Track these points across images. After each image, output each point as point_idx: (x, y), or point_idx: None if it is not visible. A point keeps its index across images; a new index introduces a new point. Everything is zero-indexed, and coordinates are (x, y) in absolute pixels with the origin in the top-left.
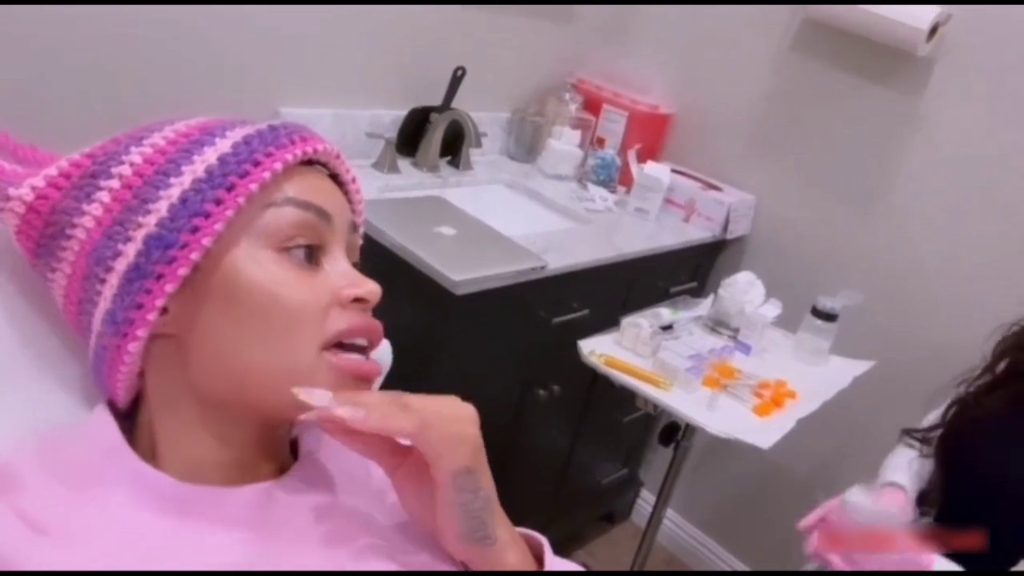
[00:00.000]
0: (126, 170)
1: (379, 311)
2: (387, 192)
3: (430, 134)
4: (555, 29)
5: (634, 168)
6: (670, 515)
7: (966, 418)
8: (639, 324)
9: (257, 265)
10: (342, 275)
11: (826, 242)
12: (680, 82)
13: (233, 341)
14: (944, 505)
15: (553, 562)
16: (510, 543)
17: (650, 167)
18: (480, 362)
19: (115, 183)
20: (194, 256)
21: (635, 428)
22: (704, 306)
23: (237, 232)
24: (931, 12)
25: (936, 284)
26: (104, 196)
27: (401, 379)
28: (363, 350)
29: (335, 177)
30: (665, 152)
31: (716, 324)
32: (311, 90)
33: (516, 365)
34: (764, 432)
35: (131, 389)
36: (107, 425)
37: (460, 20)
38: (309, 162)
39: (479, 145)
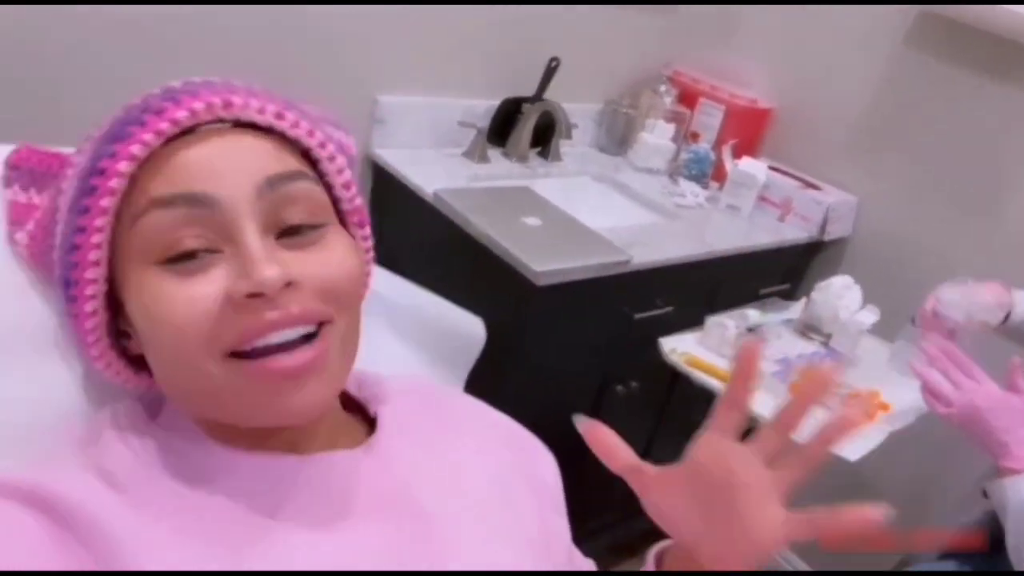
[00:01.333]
0: (62, 200)
1: (464, 299)
2: (476, 181)
3: (521, 124)
4: (654, 20)
5: (728, 164)
6: None
7: None
8: (724, 324)
9: (143, 287)
10: (239, 265)
11: (932, 249)
12: (783, 76)
13: (156, 364)
14: None
15: None
16: None
17: (745, 163)
18: (560, 354)
19: (59, 216)
20: (88, 291)
21: None
22: (795, 309)
23: (127, 252)
24: None
25: None
26: (56, 231)
27: (482, 364)
28: (309, 338)
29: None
30: (762, 148)
31: (807, 329)
32: (407, 78)
33: (596, 359)
34: (853, 443)
35: (150, 386)
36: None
37: (556, 10)
38: (193, 129)
39: (569, 137)
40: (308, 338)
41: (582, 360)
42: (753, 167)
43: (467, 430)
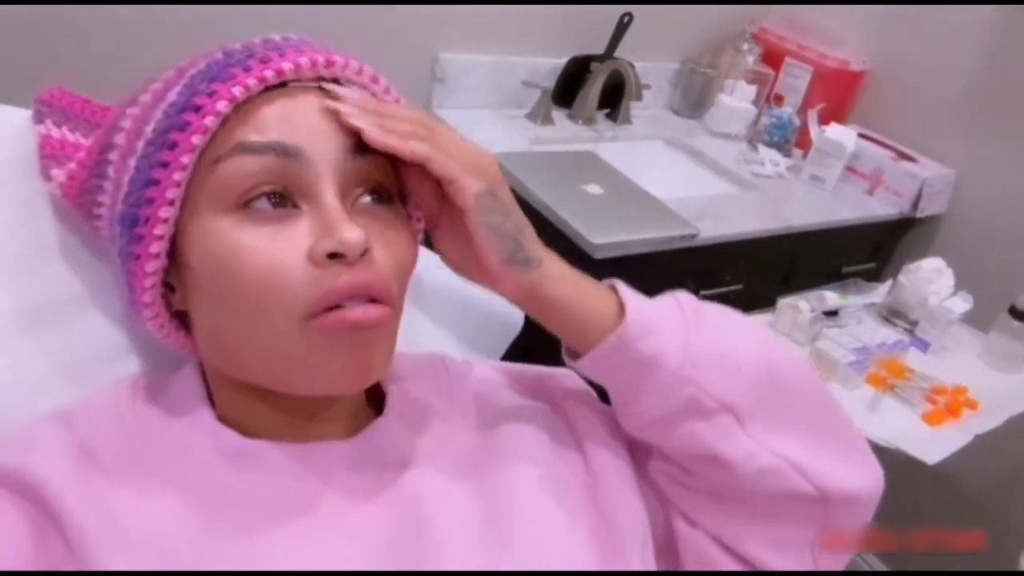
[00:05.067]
0: (120, 139)
1: None
2: (538, 145)
3: (588, 85)
4: None
5: (814, 130)
6: None
7: None
8: (798, 307)
9: (214, 235)
10: (320, 223)
11: None
12: (878, 35)
13: (213, 320)
14: None
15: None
16: (556, 260)
17: (833, 130)
18: None
19: (115, 155)
20: (158, 231)
21: None
22: (879, 292)
23: (196, 196)
24: None
25: None
26: (111, 171)
27: (531, 341)
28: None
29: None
30: (852, 114)
31: (891, 314)
32: (470, 36)
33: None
34: (933, 444)
35: (184, 346)
36: (192, 376)
37: None
38: (284, 84)
39: (639, 98)
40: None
41: None
42: (841, 134)
43: (474, 413)
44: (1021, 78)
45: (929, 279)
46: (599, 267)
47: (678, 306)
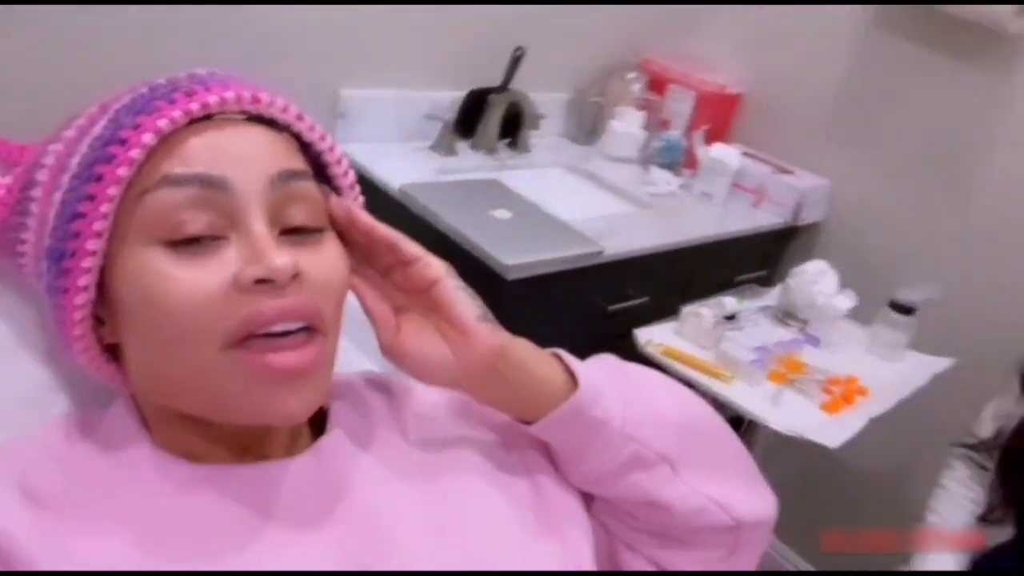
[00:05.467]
0: (44, 175)
1: None
2: (443, 175)
3: (488, 116)
4: (621, 6)
5: (700, 151)
6: None
7: None
8: (700, 313)
9: (141, 265)
10: (246, 251)
11: (906, 232)
12: (752, 60)
13: (142, 351)
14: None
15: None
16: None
17: (717, 149)
18: None
19: (39, 191)
20: (85, 264)
21: None
22: (772, 296)
23: (124, 228)
24: None
25: None
26: (34, 208)
27: None
28: (307, 332)
29: (274, 122)
30: (734, 134)
31: (784, 315)
32: (371, 71)
33: (571, 352)
34: (833, 430)
35: (115, 380)
36: (127, 410)
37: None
38: (209, 116)
39: (536, 127)
40: (306, 332)
41: None
42: (725, 153)
43: (419, 429)
44: (879, 96)
45: (814, 280)
46: (512, 288)
47: (609, 369)
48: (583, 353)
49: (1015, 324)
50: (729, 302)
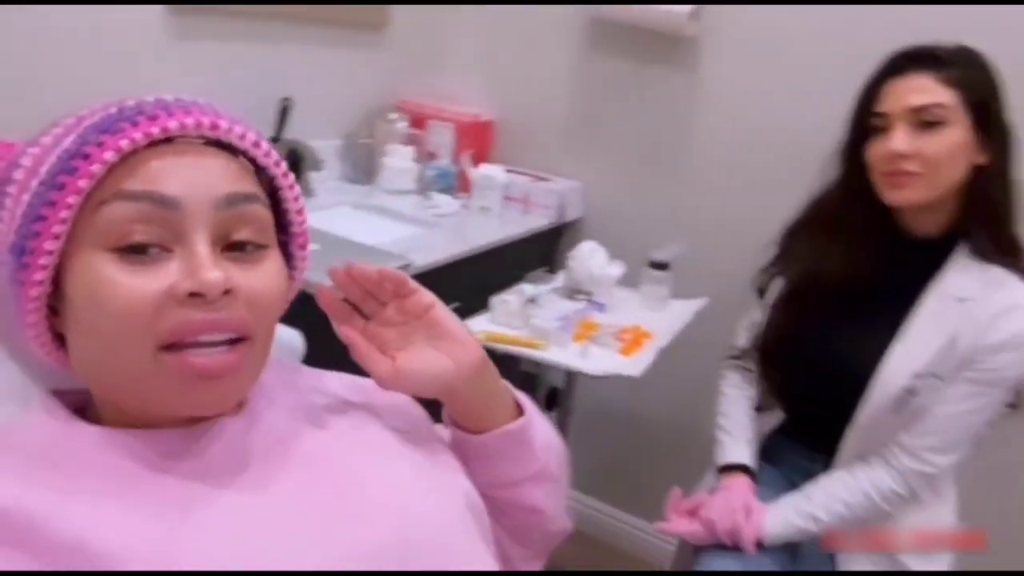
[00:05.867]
0: (19, 175)
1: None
2: None
3: None
4: (370, 57)
5: (470, 172)
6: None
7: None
8: (507, 300)
9: (90, 269)
10: (186, 266)
11: (647, 207)
12: (495, 90)
13: (83, 345)
14: (786, 405)
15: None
16: None
17: (484, 169)
18: None
19: (13, 189)
20: (42, 261)
21: None
22: (559, 279)
23: (81, 233)
24: None
25: (745, 225)
26: (8, 202)
27: None
28: (233, 343)
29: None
30: (494, 155)
31: (572, 292)
32: None
33: None
34: (635, 364)
35: (65, 364)
36: (53, 404)
37: (280, 53)
38: (170, 140)
39: (319, 169)
40: (231, 343)
41: None
42: (491, 171)
43: (319, 397)
44: (600, 104)
45: (588, 257)
46: None
47: (525, 401)
48: None
49: (743, 258)
50: (528, 288)
